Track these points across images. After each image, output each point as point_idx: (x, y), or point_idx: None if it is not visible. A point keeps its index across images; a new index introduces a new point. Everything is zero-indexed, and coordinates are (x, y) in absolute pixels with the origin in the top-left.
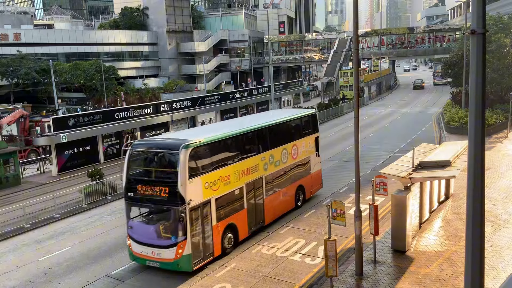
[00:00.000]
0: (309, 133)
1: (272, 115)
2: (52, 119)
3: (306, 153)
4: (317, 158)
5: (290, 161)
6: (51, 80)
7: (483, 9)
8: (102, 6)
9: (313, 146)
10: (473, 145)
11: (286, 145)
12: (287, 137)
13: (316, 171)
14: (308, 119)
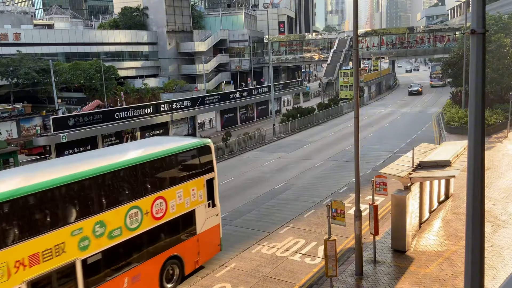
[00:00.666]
0: (195, 175)
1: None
2: (52, 119)
3: (185, 206)
4: (211, 209)
5: (148, 223)
6: (51, 80)
7: (483, 9)
8: (102, 6)
9: (203, 194)
10: (473, 145)
11: (139, 201)
12: (144, 187)
13: (209, 229)
14: (194, 153)
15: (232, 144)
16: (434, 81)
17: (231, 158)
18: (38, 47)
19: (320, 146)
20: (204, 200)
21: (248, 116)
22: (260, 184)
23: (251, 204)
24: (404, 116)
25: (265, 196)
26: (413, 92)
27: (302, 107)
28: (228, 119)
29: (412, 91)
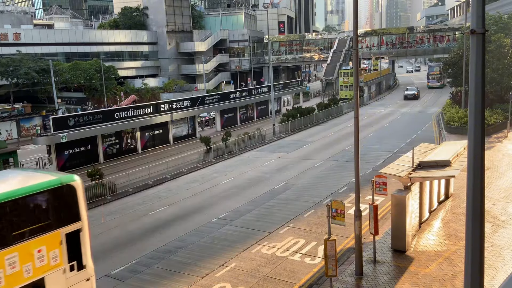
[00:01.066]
0: (44, 229)
1: None
2: (51, 119)
3: (25, 275)
4: (76, 274)
5: None
6: (50, 80)
7: (483, 8)
8: (101, 6)
9: (59, 254)
10: (473, 145)
11: None
12: None
13: None
14: (44, 198)
15: (232, 144)
16: (431, 82)
17: (231, 158)
18: (38, 47)
19: (320, 146)
20: (62, 262)
21: (248, 116)
22: (260, 184)
23: (251, 204)
24: (404, 116)
25: (265, 196)
26: (408, 97)
27: (302, 107)
28: (228, 119)
29: (407, 95)
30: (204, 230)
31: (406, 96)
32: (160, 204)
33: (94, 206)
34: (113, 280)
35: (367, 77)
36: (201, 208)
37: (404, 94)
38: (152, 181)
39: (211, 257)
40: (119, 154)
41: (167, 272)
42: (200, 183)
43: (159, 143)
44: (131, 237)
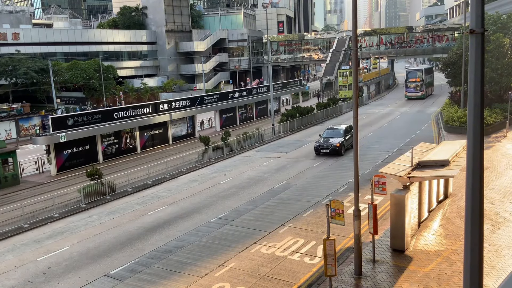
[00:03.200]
0: None
1: None
2: (50, 119)
3: None
4: None
5: None
6: (49, 80)
7: (482, 8)
8: (100, 6)
9: None
10: (472, 145)
11: None
12: None
13: None
14: None
15: (231, 144)
16: (410, 92)
17: (230, 157)
18: (37, 46)
19: None
20: None
21: (247, 115)
22: (259, 183)
23: (250, 204)
24: (403, 116)
25: (264, 196)
26: (412, 97)
27: (301, 107)
28: (227, 119)
29: (410, 96)
30: (203, 230)
31: (408, 97)
32: (159, 204)
33: (93, 206)
34: (112, 280)
35: (366, 76)
36: (200, 208)
37: (405, 94)
38: (151, 181)
39: (210, 256)
40: (118, 154)
41: (166, 272)
42: (200, 183)
43: (158, 143)
44: (130, 237)
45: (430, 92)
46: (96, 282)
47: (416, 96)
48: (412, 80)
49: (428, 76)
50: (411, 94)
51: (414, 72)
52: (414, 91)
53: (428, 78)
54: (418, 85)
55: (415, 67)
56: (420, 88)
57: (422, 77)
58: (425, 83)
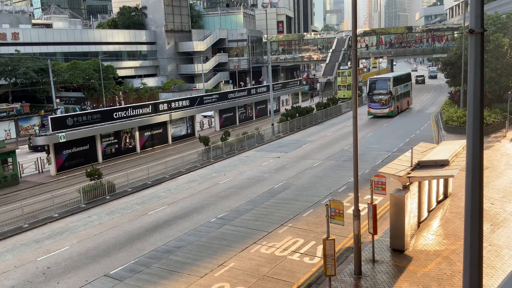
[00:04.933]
0: None
1: None
2: (50, 119)
3: None
4: None
5: None
6: (49, 80)
7: (482, 8)
8: (100, 6)
9: None
10: (472, 144)
11: None
12: None
13: None
14: None
15: (231, 144)
16: (374, 107)
17: (230, 157)
18: (36, 46)
19: (319, 146)
20: None
21: (247, 115)
22: (259, 183)
23: (250, 204)
24: (402, 116)
25: (264, 196)
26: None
27: (300, 107)
28: (227, 119)
29: None
30: (203, 230)
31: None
32: (159, 204)
33: (93, 206)
34: (112, 280)
35: (366, 76)
36: (200, 208)
37: None
38: (151, 181)
39: (210, 256)
40: (118, 153)
41: (166, 272)
42: (199, 182)
43: (158, 143)
44: (130, 237)
45: (406, 106)
46: (96, 282)
47: (383, 113)
48: (377, 92)
49: (401, 86)
50: (376, 110)
51: (380, 81)
52: (380, 107)
53: (400, 89)
54: (385, 99)
55: (381, 76)
56: (387, 103)
57: (390, 88)
58: (394, 96)
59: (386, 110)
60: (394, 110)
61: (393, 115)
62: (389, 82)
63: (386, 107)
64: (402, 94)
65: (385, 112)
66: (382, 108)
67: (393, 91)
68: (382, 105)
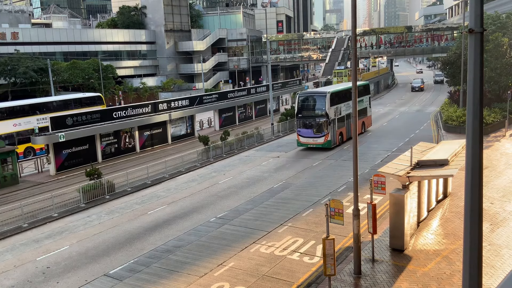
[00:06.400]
0: None
1: None
2: (49, 118)
3: None
4: None
5: None
6: (49, 79)
7: (481, 8)
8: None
9: None
10: (471, 144)
11: None
12: None
13: None
14: None
15: (230, 143)
16: (304, 135)
17: (230, 157)
18: (36, 46)
19: None
20: None
21: (246, 115)
22: (259, 183)
23: (250, 203)
24: (402, 115)
25: (263, 195)
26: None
27: None
28: (226, 118)
29: None
30: (203, 230)
31: None
32: (159, 203)
33: (92, 205)
34: (111, 280)
35: (366, 76)
36: (200, 208)
37: None
38: (151, 181)
39: (209, 256)
40: (117, 153)
41: (165, 272)
42: (199, 182)
43: (157, 143)
44: (130, 237)
45: (362, 130)
46: (95, 282)
47: (315, 143)
48: (307, 114)
49: (346, 104)
50: (306, 139)
51: (312, 98)
52: (312, 134)
53: (345, 108)
54: (319, 124)
55: (315, 91)
56: (321, 129)
57: (326, 108)
58: (332, 119)
59: (321, 139)
60: (332, 140)
61: (330, 146)
62: (325, 100)
63: (320, 135)
64: (350, 116)
65: (318, 142)
66: (315, 136)
67: (332, 112)
68: (316, 133)
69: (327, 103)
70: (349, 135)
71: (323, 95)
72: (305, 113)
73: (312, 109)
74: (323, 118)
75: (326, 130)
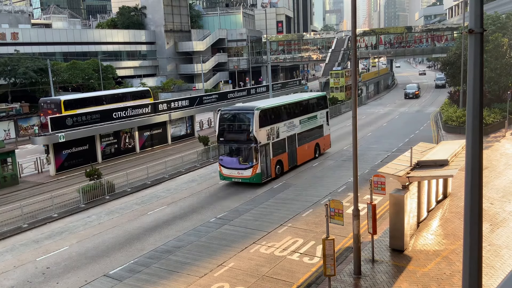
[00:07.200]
0: None
1: None
2: (49, 119)
3: None
4: None
5: None
6: (49, 80)
7: (481, 8)
8: (99, 5)
9: None
10: (471, 144)
11: None
12: None
13: None
14: None
15: None
16: (227, 166)
17: None
18: (36, 46)
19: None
20: None
21: None
22: (258, 183)
23: (249, 204)
24: (402, 116)
25: (263, 196)
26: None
27: None
28: None
29: None
30: (203, 230)
31: None
32: (158, 204)
33: (92, 206)
34: (111, 280)
35: (365, 76)
36: (199, 208)
37: None
38: (151, 181)
39: (209, 256)
40: (117, 153)
41: (165, 272)
42: (199, 182)
43: (157, 143)
44: (130, 237)
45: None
46: (95, 282)
47: (241, 176)
48: (230, 137)
49: (289, 123)
50: (229, 171)
51: (236, 116)
52: (237, 165)
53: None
54: (245, 151)
55: (240, 106)
56: (248, 158)
57: (252, 130)
58: (260, 145)
59: (247, 172)
60: (264, 172)
61: (261, 181)
62: (252, 119)
63: (246, 167)
64: (294, 138)
65: (244, 176)
66: (241, 168)
67: (263, 135)
68: (242, 163)
69: (255, 123)
70: (294, 163)
71: (250, 112)
72: (227, 136)
73: (236, 131)
74: (250, 144)
75: (255, 160)
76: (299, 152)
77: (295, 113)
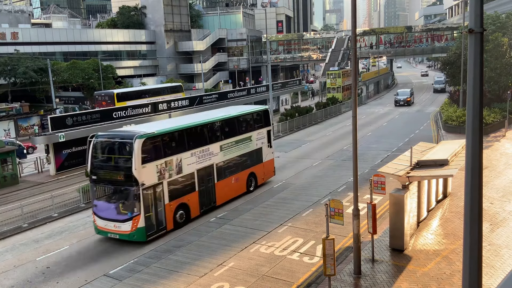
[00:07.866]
0: None
1: None
2: (49, 118)
3: None
4: None
5: None
6: (48, 79)
7: (481, 8)
8: (99, 5)
9: None
10: (471, 144)
11: None
12: None
13: None
14: None
15: None
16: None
17: None
18: (36, 46)
19: (318, 145)
20: None
21: None
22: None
23: (249, 203)
24: (402, 115)
25: (263, 195)
26: None
27: (300, 106)
28: None
29: None
30: (203, 230)
31: None
32: None
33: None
34: (111, 280)
35: (365, 76)
36: None
37: None
38: None
39: (209, 256)
40: None
41: (165, 272)
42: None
43: None
44: None
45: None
46: (95, 282)
47: (117, 231)
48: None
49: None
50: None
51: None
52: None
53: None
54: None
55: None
56: (128, 206)
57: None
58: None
59: (125, 225)
60: (153, 224)
61: (145, 239)
62: (132, 152)
63: (125, 219)
64: (211, 171)
65: (122, 231)
66: (118, 219)
67: (150, 173)
68: (120, 212)
69: (136, 157)
70: (211, 204)
71: (128, 142)
72: (101, 174)
73: (111, 167)
74: (129, 186)
75: (135, 209)
76: (221, 187)
77: (214, 136)
